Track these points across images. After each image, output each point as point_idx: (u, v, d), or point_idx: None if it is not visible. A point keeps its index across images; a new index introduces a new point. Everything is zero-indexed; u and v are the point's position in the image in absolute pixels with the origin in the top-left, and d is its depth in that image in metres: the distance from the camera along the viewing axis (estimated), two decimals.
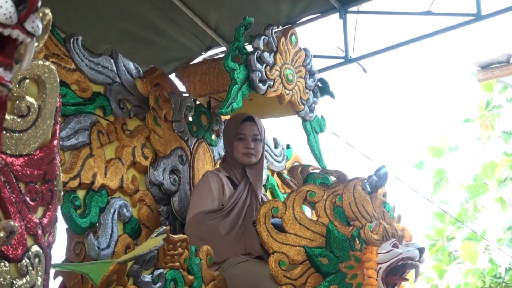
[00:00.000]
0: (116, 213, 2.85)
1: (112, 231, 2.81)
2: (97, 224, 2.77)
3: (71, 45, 2.82)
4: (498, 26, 18.16)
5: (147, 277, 2.39)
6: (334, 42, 5.31)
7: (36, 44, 1.33)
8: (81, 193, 2.74)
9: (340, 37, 5.20)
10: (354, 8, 5.12)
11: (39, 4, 1.17)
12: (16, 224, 1.32)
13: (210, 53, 5.35)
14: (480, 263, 12.52)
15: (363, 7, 5.19)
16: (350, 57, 5.19)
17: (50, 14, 1.30)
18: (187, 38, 5.03)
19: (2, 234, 1.27)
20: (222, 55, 5.26)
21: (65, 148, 2.69)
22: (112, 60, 3.03)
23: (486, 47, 21.14)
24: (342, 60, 5.21)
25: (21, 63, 1.23)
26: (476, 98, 14.36)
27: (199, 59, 5.33)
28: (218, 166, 3.40)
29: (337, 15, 5.05)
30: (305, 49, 3.42)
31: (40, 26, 1.18)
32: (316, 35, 3.39)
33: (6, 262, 1.40)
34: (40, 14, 1.28)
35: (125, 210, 2.90)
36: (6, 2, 1.12)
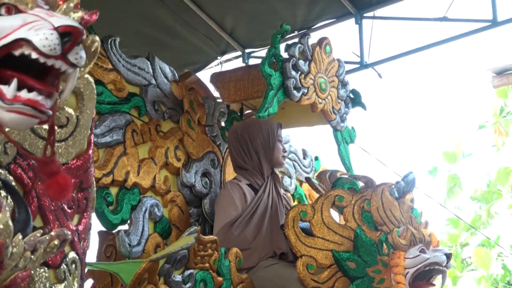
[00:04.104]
0: (147, 212, 2.87)
1: (143, 229, 2.82)
2: (128, 222, 2.78)
3: (109, 46, 2.85)
4: None
5: (178, 277, 2.40)
6: (349, 47, 5.33)
7: (82, 69, 1.37)
8: (113, 190, 2.76)
9: (356, 42, 5.22)
10: (370, 14, 5.13)
11: (84, 36, 1.20)
12: (69, 233, 1.34)
13: (225, 57, 5.39)
14: (493, 270, 12.48)
15: (378, 12, 5.20)
16: (366, 62, 5.21)
17: (98, 41, 1.33)
18: (203, 42, 5.05)
19: (56, 242, 1.30)
20: (238, 59, 5.33)
21: (99, 145, 2.71)
22: (148, 63, 3.06)
23: (502, 53, 21.06)
24: (358, 66, 5.22)
25: (62, 92, 1.25)
26: (490, 104, 14.33)
27: (214, 63, 5.37)
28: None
29: (352, 20, 5.07)
30: (338, 60, 3.43)
31: (84, 57, 1.21)
32: (332, 40, 3.40)
33: (46, 268, 1.44)
34: (89, 41, 1.31)
35: (156, 209, 2.92)
36: (51, 34, 1.15)
